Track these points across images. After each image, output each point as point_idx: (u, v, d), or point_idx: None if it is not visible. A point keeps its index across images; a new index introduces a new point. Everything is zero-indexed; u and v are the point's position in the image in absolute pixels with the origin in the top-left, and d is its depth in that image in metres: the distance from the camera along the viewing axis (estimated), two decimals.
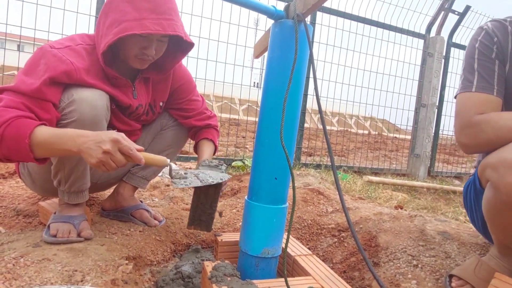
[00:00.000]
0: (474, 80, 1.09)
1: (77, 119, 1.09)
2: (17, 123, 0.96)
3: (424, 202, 2.72)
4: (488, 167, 0.97)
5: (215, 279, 0.96)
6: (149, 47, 1.16)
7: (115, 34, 1.08)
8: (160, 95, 1.42)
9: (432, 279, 1.20)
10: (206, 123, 1.53)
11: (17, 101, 1.01)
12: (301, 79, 1.02)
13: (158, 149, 1.52)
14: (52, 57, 1.08)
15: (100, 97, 1.15)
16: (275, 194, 1.04)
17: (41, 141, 0.97)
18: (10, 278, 0.89)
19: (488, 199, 1.00)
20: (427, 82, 4.06)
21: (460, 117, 1.09)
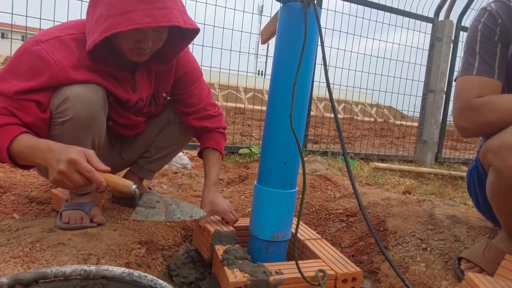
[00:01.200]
0: (475, 63, 1.07)
1: (72, 117, 1.05)
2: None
3: (432, 188, 2.72)
4: (490, 151, 0.96)
5: (226, 262, 0.98)
6: (144, 39, 1.04)
7: (101, 33, 0.97)
8: (163, 85, 1.33)
9: (441, 262, 1.21)
10: (207, 125, 1.39)
11: (0, 106, 0.99)
12: (311, 63, 1.02)
13: (161, 145, 1.49)
14: (36, 59, 1.01)
15: (95, 92, 1.09)
16: (284, 178, 1.05)
17: (18, 154, 0.97)
18: (28, 261, 0.92)
19: (492, 183, 1.00)
20: (435, 67, 3.99)
21: (460, 100, 1.08)
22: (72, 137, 1.08)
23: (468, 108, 1.05)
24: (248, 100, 8.33)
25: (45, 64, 1.01)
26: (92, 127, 1.11)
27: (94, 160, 0.93)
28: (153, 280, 0.56)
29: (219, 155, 1.39)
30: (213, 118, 1.41)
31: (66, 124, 1.06)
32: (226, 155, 3.20)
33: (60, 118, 1.06)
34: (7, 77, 1.02)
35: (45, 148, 0.95)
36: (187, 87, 1.37)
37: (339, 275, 0.98)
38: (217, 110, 1.44)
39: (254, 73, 7.57)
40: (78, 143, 1.08)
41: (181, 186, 2.00)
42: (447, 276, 1.14)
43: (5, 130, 0.97)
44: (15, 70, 1.02)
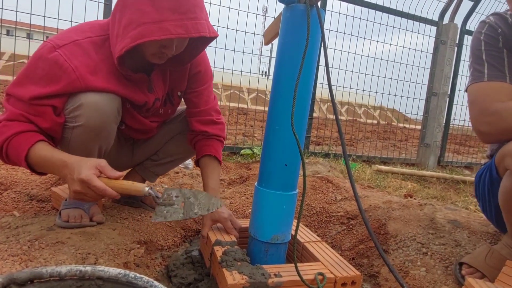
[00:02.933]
0: (484, 69, 1.07)
1: (83, 124, 1.05)
2: (15, 142, 0.99)
3: (434, 191, 2.70)
4: (508, 155, 0.95)
5: (225, 264, 0.97)
6: (169, 46, 1.05)
7: (133, 39, 0.98)
8: (177, 84, 1.31)
9: (441, 267, 1.20)
10: (208, 130, 1.35)
11: (17, 112, 1.00)
12: (313, 64, 1.01)
13: (170, 151, 1.49)
14: (53, 65, 1.00)
15: (110, 102, 1.08)
16: (285, 180, 1.04)
17: (34, 163, 1.00)
18: (25, 260, 0.92)
19: (506, 188, 0.99)
20: (439, 70, 3.97)
21: (478, 106, 1.06)
22: (79, 143, 1.09)
23: (487, 113, 1.03)
24: (251, 101, 8.33)
25: (62, 71, 1.00)
26: (101, 136, 1.11)
27: (107, 170, 0.94)
28: (149, 282, 0.55)
29: (218, 164, 1.35)
30: (215, 124, 1.38)
31: (76, 130, 1.07)
32: (227, 155, 3.20)
33: (71, 123, 1.06)
34: (24, 82, 1.02)
35: (59, 162, 0.97)
36: (197, 86, 1.35)
37: (338, 278, 0.97)
38: (220, 118, 1.42)
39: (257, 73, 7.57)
40: (84, 149, 1.10)
41: (182, 186, 2.00)
42: (448, 281, 1.13)
43: (22, 138, 0.99)
44: (31, 75, 1.02)
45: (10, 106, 1.02)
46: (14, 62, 3.00)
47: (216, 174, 1.32)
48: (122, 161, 1.47)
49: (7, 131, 0.99)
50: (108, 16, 2.73)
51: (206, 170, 1.31)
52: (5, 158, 1.03)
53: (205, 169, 1.32)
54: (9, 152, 1.00)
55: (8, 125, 1.00)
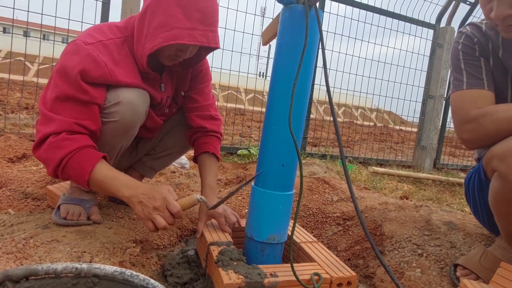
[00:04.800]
0: (463, 78, 1.12)
1: (118, 121, 1.11)
2: (78, 157, 1.02)
3: (430, 194, 2.72)
4: (495, 157, 0.97)
5: (221, 263, 0.97)
6: (185, 50, 1.15)
7: (166, 40, 1.07)
8: (182, 84, 1.39)
9: (436, 268, 1.20)
10: (206, 126, 1.39)
11: (70, 121, 1.03)
12: (311, 65, 1.01)
13: (167, 145, 1.51)
14: (87, 56, 1.05)
15: (143, 101, 1.16)
16: (282, 180, 1.04)
17: (97, 181, 1.03)
18: (20, 257, 0.91)
19: (495, 189, 1.00)
20: (436, 73, 4.00)
21: (457, 115, 1.11)
22: (108, 138, 1.14)
23: (466, 121, 1.08)
24: (248, 101, 8.33)
25: (96, 63, 1.06)
26: (129, 134, 1.18)
27: (174, 194, 1.02)
28: (145, 280, 0.55)
29: (216, 161, 1.39)
30: (213, 120, 1.42)
31: (108, 126, 1.11)
32: (224, 155, 3.20)
33: (105, 118, 1.10)
34: (62, 81, 1.05)
35: (129, 184, 1.02)
36: (198, 85, 1.42)
37: (334, 279, 0.97)
38: (218, 115, 1.46)
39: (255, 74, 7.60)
40: (109, 144, 1.16)
41: (179, 185, 1.99)
42: (443, 282, 1.14)
43: (85, 155, 1.03)
44: (69, 71, 1.04)
45: (57, 116, 1.04)
46: (11, 60, 2.98)
47: (214, 171, 1.36)
48: (125, 160, 1.48)
49: (69, 145, 1.02)
50: (105, 15, 2.73)
51: (204, 167, 1.35)
52: (60, 173, 1.04)
53: (203, 166, 1.35)
54: (69, 166, 1.02)
55: (69, 140, 1.02)
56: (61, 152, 1.01)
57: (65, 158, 1.01)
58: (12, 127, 2.58)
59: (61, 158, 1.01)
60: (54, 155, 1.02)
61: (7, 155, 2.05)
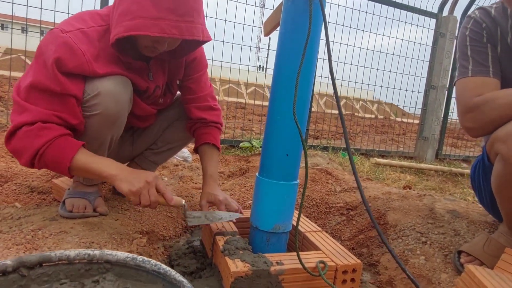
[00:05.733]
0: (469, 65, 1.11)
1: (100, 113, 1.07)
2: (58, 145, 1.00)
3: (432, 184, 2.72)
4: (498, 140, 0.98)
5: (227, 252, 0.98)
6: (161, 42, 1.08)
7: (126, 29, 1.00)
8: (176, 73, 1.34)
9: (440, 255, 1.21)
10: (205, 117, 1.38)
11: (48, 112, 1.00)
12: (315, 54, 1.01)
13: (168, 139, 1.50)
14: (62, 44, 1.00)
15: (125, 90, 1.11)
16: (286, 170, 1.05)
17: (79, 167, 1.02)
18: (30, 248, 0.92)
19: (498, 172, 1.01)
20: (438, 63, 3.98)
21: (461, 103, 1.11)
22: (95, 132, 1.11)
23: (468, 109, 1.07)
24: (249, 95, 8.31)
25: (72, 52, 1.02)
26: (116, 124, 1.14)
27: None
28: (157, 265, 0.56)
29: (217, 151, 1.39)
30: (212, 110, 1.41)
31: (92, 119, 1.08)
32: (226, 148, 3.20)
33: (88, 111, 1.07)
34: (40, 69, 1.02)
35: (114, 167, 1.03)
36: (194, 73, 1.37)
37: (339, 266, 0.98)
38: (217, 104, 1.45)
39: (255, 66, 7.57)
40: (98, 138, 1.13)
41: (182, 178, 2.00)
42: (447, 269, 1.15)
43: (65, 143, 1.01)
44: (47, 61, 1.02)
45: (33, 106, 1.00)
46: (11, 56, 2.98)
47: (215, 161, 1.36)
48: (123, 153, 1.48)
49: (47, 134, 0.99)
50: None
51: (205, 158, 1.35)
52: (36, 162, 1.02)
53: (204, 157, 1.36)
54: (46, 154, 1.00)
55: (46, 129, 0.99)
56: (39, 141, 0.98)
57: (43, 147, 0.99)
58: None
59: (39, 147, 0.99)
60: (30, 144, 0.99)
61: None
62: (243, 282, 0.89)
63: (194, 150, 1.44)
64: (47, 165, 1.03)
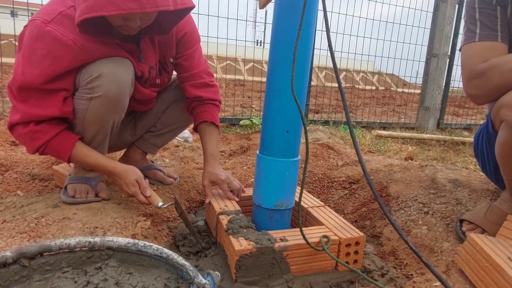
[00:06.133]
0: (476, 29, 1.07)
1: (102, 95, 1.06)
2: (52, 146, 1.10)
3: (434, 154, 2.72)
4: (503, 107, 0.95)
5: (231, 231, 0.99)
6: (131, 19, 1.01)
7: (82, 12, 0.93)
8: (167, 51, 1.30)
9: (442, 225, 1.22)
10: (202, 95, 1.35)
11: (36, 113, 1.05)
12: (312, 25, 0.97)
13: (168, 121, 1.48)
14: (52, 41, 0.98)
15: (127, 71, 1.10)
16: (287, 147, 1.03)
17: (78, 160, 1.15)
18: (34, 236, 0.93)
19: (502, 139, 0.99)
20: (439, 30, 3.87)
21: (466, 69, 1.07)
22: (96, 115, 1.10)
23: (474, 75, 1.04)
24: (247, 72, 8.19)
25: (64, 45, 0.99)
26: (118, 107, 1.13)
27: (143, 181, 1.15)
28: (158, 249, 0.56)
29: (216, 129, 1.37)
30: (209, 87, 1.38)
31: (94, 101, 1.07)
32: (227, 127, 3.19)
33: (89, 94, 1.06)
34: (28, 68, 1.01)
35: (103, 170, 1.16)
36: (186, 49, 1.33)
37: (342, 240, 0.99)
38: (213, 80, 1.41)
39: (252, 41, 7.37)
40: (99, 121, 1.12)
41: (183, 159, 2.00)
42: (449, 237, 1.16)
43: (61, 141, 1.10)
44: (33, 58, 1.00)
45: (23, 107, 1.04)
46: (1, 42, 2.91)
47: (215, 139, 1.35)
48: (125, 138, 1.47)
49: (43, 136, 1.08)
50: None
51: (205, 136, 1.35)
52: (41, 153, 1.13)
53: (204, 135, 1.35)
54: (47, 151, 1.11)
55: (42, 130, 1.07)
56: (36, 143, 1.08)
57: (41, 148, 1.09)
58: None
59: (37, 148, 1.09)
60: (30, 144, 1.10)
61: (9, 139, 2.05)
62: (248, 259, 0.90)
63: (193, 130, 1.43)
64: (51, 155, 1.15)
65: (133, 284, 0.53)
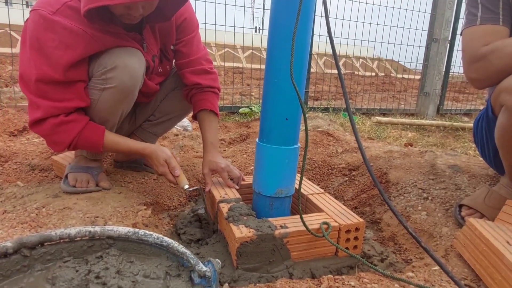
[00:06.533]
0: (478, 12, 1.05)
1: (116, 86, 1.08)
2: (85, 136, 1.09)
3: (434, 140, 2.72)
4: (503, 91, 0.95)
5: (231, 219, 0.99)
6: (134, 7, 1.01)
7: (86, 3, 0.94)
8: (168, 38, 1.30)
9: (442, 210, 1.23)
10: (200, 82, 1.34)
11: (60, 106, 1.03)
12: (310, 11, 0.95)
13: (166, 109, 1.47)
14: (62, 31, 0.98)
15: (140, 64, 1.11)
16: (286, 134, 1.03)
17: (110, 147, 1.14)
18: (35, 226, 0.93)
19: (502, 124, 0.99)
20: (440, 14, 3.81)
21: (467, 52, 1.06)
22: (107, 105, 1.11)
23: (475, 59, 1.03)
24: (246, 59, 8.11)
25: (75, 34, 0.99)
26: (128, 99, 1.15)
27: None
28: (159, 238, 0.56)
29: (215, 117, 1.37)
30: (208, 74, 1.36)
31: (106, 92, 1.08)
32: (226, 115, 3.17)
33: (102, 84, 1.08)
34: (42, 61, 1.00)
35: (135, 152, 1.17)
36: (185, 35, 1.32)
37: (342, 226, 0.99)
38: (212, 67, 1.40)
39: (251, 28, 7.26)
40: (110, 111, 1.14)
41: (183, 148, 2.00)
42: (448, 223, 1.16)
43: (91, 131, 1.10)
44: (46, 50, 0.99)
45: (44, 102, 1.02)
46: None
47: (214, 127, 1.35)
48: (124, 127, 1.46)
49: (73, 129, 1.07)
50: None
51: (204, 124, 1.34)
52: (72, 148, 1.12)
53: (203, 123, 1.35)
54: (79, 145, 1.11)
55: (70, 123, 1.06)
56: (70, 135, 1.07)
57: (75, 139, 1.08)
58: (8, 101, 2.54)
59: (71, 140, 1.08)
60: (63, 137, 1.07)
61: (7, 129, 2.04)
62: (249, 246, 0.91)
63: (192, 118, 1.42)
64: (81, 149, 1.15)
65: (134, 272, 0.53)
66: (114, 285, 0.49)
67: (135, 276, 0.53)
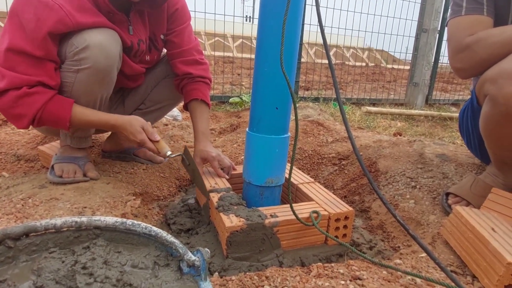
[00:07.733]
0: (463, 3, 1.07)
1: (90, 67, 1.04)
2: (50, 108, 1.03)
3: (422, 129, 2.75)
4: (487, 81, 0.96)
5: (222, 208, 0.99)
6: None
7: None
8: (158, 27, 1.29)
9: (429, 198, 1.25)
10: (191, 72, 1.33)
11: (26, 78, 0.99)
12: (301, 0, 0.94)
13: (156, 98, 1.45)
14: (38, 4, 0.96)
15: (115, 43, 1.08)
16: (276, 124, 1.02)
17: (78, 121, 1.08)
18: (21, 217, 0.91)
19: (486, 113, 1.00)
20: (430, 4, 3.82)
21: (452, 42, 1.08)
22: (83, 87, 1.08)
23: (460, 49, 1.04)
24: (236, 48, 8.02)
25: (49, 9, 0.97)
26: (105, 80, 1.11)
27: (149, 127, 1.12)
28: (147, 228, 0.55)
29: (206, 107, 1.36)
30: (199, 64, 1.36)
31: (81, 73, 1.05)
32: (216, 104, 3.15)
33: (76, 66, 1.04)
34: (15, 32, 0.98)
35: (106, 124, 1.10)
36: (177, 26, 1.32)
37: (332, 215, 1.00)
38: (203, 58, 1.40)
39: (241, 17, 7.17)
40: (87, 95, 1.10)
41: (173, 137, 1.98)
42: (435, 211, 1.19)
43: (57, 104, 1.04)
44: (22, 22, 0.98)
45: (11, 73, 0.98)
46: None
47: (205, 117, 1.34)
48: None
49: (38, 101, 1.01)
50: None
51: (195, 114, 1.33)
52: (36, 125, 1.07)
53: (194, 113, 1.34)
54: (44, 118, 1.04)
55: (35, 95, 1.01)
56: (33, 107, 1.01)
57: (38, 113, 1.02)
58: None
59: (34, 114, 1.02)
60: (26, 110, 1.02)
61: None
62: (239, 236, 0.91)
63: (183, 108, 1.41)
64: (47, 125, 1.08)
65: (122, 263, 0.52)
66: (101, 275, 0.48)
67: (123, 266, 0.52)
